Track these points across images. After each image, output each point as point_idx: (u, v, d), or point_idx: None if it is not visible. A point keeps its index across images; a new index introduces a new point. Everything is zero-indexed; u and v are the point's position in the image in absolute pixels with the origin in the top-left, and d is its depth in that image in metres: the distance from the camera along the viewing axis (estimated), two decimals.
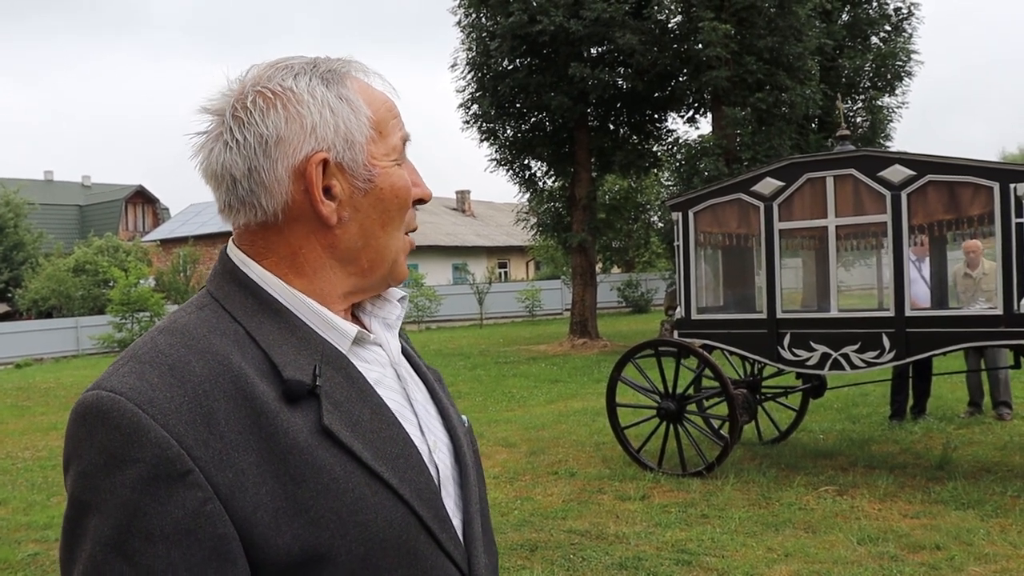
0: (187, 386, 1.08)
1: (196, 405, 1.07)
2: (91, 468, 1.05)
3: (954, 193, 7.54)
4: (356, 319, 1.31)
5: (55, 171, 66.24)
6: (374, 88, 1.27)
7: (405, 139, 1.29)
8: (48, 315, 36.17)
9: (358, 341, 1.25)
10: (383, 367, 1.28)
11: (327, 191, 1.21)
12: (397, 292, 1.37)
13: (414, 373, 1.36)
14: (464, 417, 1.43)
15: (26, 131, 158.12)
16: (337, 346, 1.22)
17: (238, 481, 1.07)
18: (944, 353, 7.83)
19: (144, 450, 1.03)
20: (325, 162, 1.20)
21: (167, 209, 56.49)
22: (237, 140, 1.19)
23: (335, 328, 1.22)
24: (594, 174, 23.81)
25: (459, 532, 1.26)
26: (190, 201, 49.66)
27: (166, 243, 45.09)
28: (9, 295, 40.92)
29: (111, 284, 31.42)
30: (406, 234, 1.30)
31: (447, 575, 1.22)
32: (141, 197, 56.49)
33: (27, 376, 22.92)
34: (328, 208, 1.21)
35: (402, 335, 1.40)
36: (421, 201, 1.31)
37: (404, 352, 1.37)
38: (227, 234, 1.28)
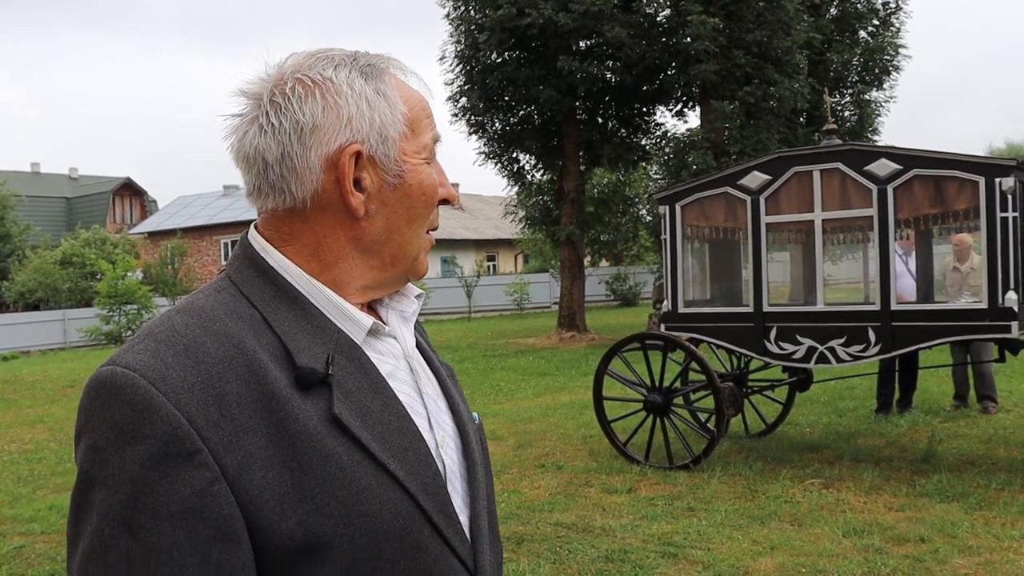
0: (201, 367, 1.10)
1: (208, 386, 1.09)
2: (102, 442, 1.06)
3: (940, 187, 7.57)
4: (373, 311, 1.32)
5: (42, 163, 66.12)
6: (410, 86, 1.29)
7: (436, 139, 1.30)
8: (35, 307, 36.08)
9: (373, 333, 1.26)
10: (396, 360, 1.29)
11: (357, 183, 1.22)
12: (415, 288, 1.39)
13: (427, 367, 1.36)
14: (475, 414, 1.43)
15: (13, 123, 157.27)
16: (352, 336, 1.23)
17: (246, 464, 1.08)
18: (930, 347, 7.87)
19: (155, 427, 1.05)
20: (358, 154, 1.21)
21: (155, 201, 56.32)
22: (272, 124, 1.20)
23: (351, 318, 1.23)
24: (582, 167, 23.82)
25: (466, 528, 1.26)
26: (178, 193, 49.50)
27: (154, 236, 44.92)
28: None
29: (98, 277, 31.34)
30: (428, 232, 1.32)
31: (451, 570, 1.22)
32: (129, 189, 56.30)
33: (14, 369, 22.83)
34: (357, 200, 1.22)
35: (418, 329, 1.41)
36: (446, 202, 1.32)
37: (419, 346, 1.37)
38: (215, 227, 1.29)
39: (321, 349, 1.18)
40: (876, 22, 23.66)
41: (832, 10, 23.16)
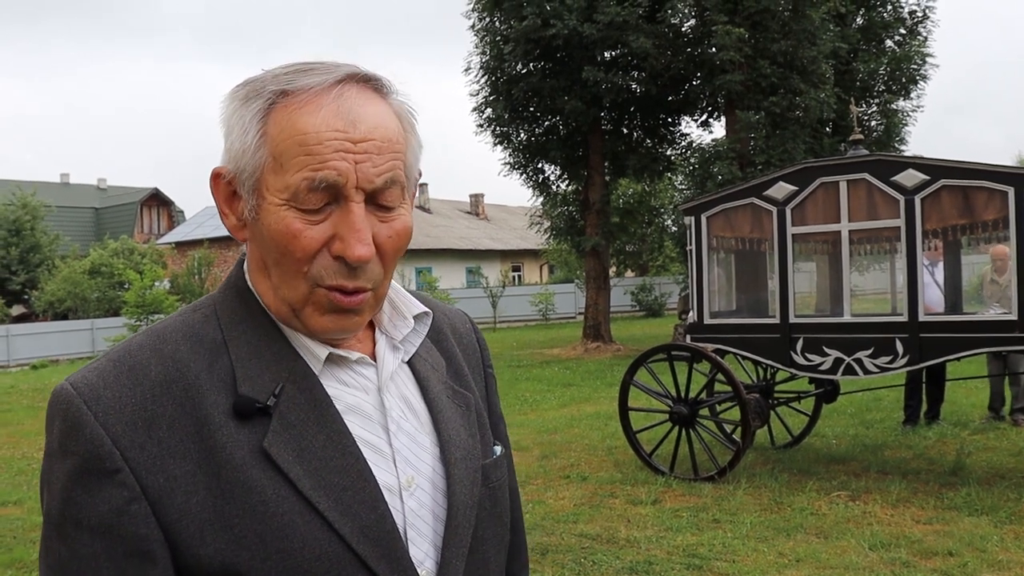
0: (138, 389, 1.11)
1: (141, 408, 1.10)
2: (49, 451, 1.13)
3: (968, 198, 7.51)
4: (373, 330, 1.28)
5: (71, 173, 66.65)
6: (309, 116, 1.11)
7: (317, 183, 1.10)
8: (64, 317, 36.35)
9: (338, 361, 1.21)
10: (365, 392, 1.22)
11: (237, 208, 1.19)
12: (416, 307, 1.30)
13: (417, 400, 1.27)
14: (497, 448, 1.38)
15: (43, 134, 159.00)
16: (310, 365, 1.18)
17: (168, 487, 1.09)
18: (958, 358, 7.80)
19: (79, 444, 1.08)
20: (225, 178, 1.18)
21: (182, 212, 56.70)
22: None
23: (307, 347, 1.19)
24: (608, 178, 23.81)
25: (429, 573, 1.19)
26: (205, 204, 49.80)
27: (181, 245, 45.23)
28: (26, 297, 41.14)
29: (126, 286, 31.51)
30: (326, 288, 1.14)
31: None
32: (156, 200, 56.73)
33: (43, 377, 23.04)
34: (229, 222, 1.20)
35: (427, 354, 1.33)
36: (342, 259, 1.12)
37: (418, 376, 1.29)
38: None
39: (272, 378, 1.15)
40: (903, 31, 23.54)
41: (858, 19, 23.06)
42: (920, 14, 23.49)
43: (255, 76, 1.17)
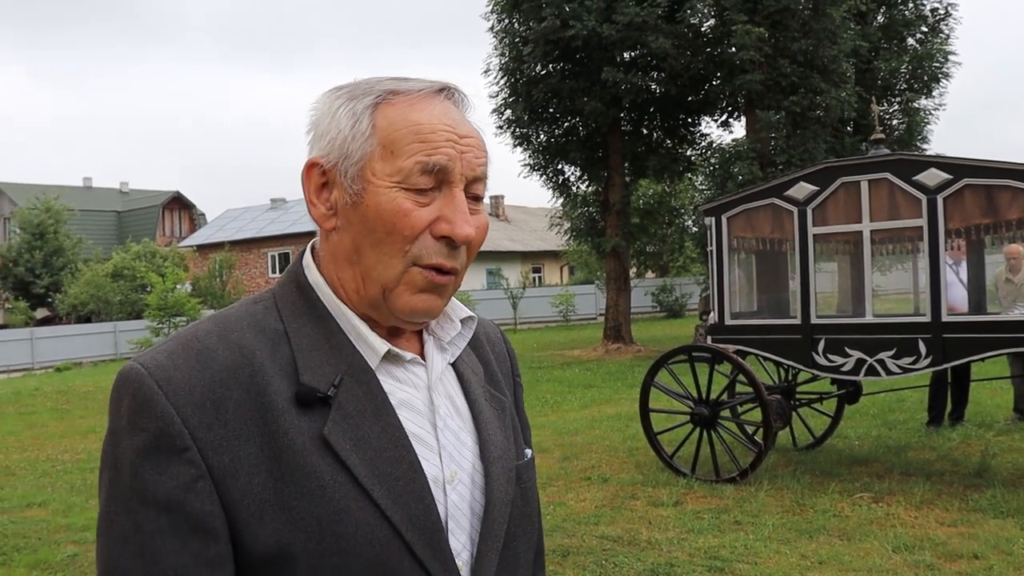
0: (206, 372, 1.17)
1: (209, 391, 1.15)
2: (114, 428, 1.17)
3: (992, 197, 7.45)
4: (417, 336, 1.34)
5: (94, 177, 67.10)
6: (422, 111, 1.23)
7: (430, 167, 1.20)
8: (87, 320, 36.63)
9: (392, 359, 1.27)
10: (416, 389, 1.28)
11: (329, 198, 1.26)
12: (462, 311, 1.37)
13: (460, 400, 1.34)
14: (529, 451, 1.44)
15: (66, 138, 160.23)
16: (367, 360, 1.24)
17: (232, 467, 1.14)
18: (982, 359, 7.73)
19: (150, 421, 1.13)
20: (322, 168, 1.25)
21: (203, 215, 57.04)
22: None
23: (367, 343, 1.25)
24: (628, 178, 23.76)
25: (465, 566, 1.25)
26: (225, 206, 50.09)
27: (202, 248, 45.47)
28: (49, 300, 41.47)
29: (148, 289, 31.72)
30: (426, 268, 1.23)
31: None
32: (178, 203, 57.09)
33: (67, 380, 23.19)
34: (317, 211, 1.27)
35: (471, 359, 1.40)
36: (448, 240, 1.22)
37: (461, 378, 1.36)
38: (262, 240, 1.34)
39: (332, 369, 1.22)
40: (925, 29, 23.38)
41: (879, 18, 22.94)
42: (942, 11, 23.31)
43: (355, 81, 1.29)
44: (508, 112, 22.91)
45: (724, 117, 23.41)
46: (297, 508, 1.14)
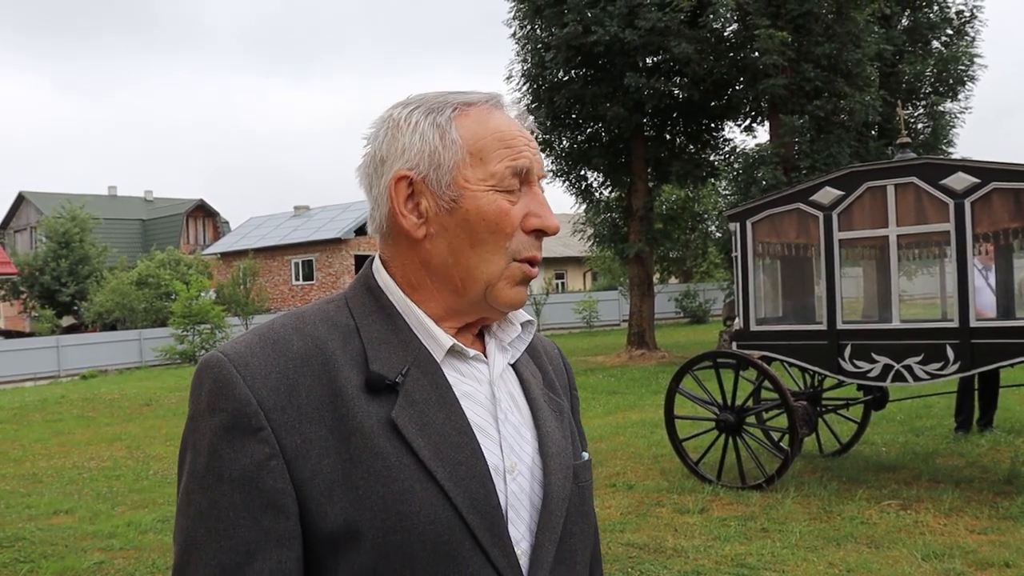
0: (281, 359, 1.25)
1: (284, 376, 1.24)
2: (195, 412, 1.25)
3: (1021, 201, 7.37)
4: (479, 338, 1.42)
5: (118, 186, 67.62)
6: (497, 120, 1.36)
7: (518, 170, 1.33)
8: (112, 327, 36.87)
9: (456, 354, 1.34)
10: (479, 383, 1.35)
11: (417, 208, 1.34)
12: (523, 315, 1.45)
13: (520, 398, 1.41)
14: (585, 454, 1.50)
15: (91, 147, 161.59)
16: (432, 353, 1.32)
17: (304, 448, 1.21)
18: (1012, 365, 7.65)
19: (229, 402, 1.21)
20: (410, 180, 1.33)
21: (227, 222, 57.35)
22: (365, 158, 1.39)
23: (434, 337, 1.33)
24: (651, 184, 23.69)
25: (524, 555, 1.30)
26: (249, 214, 50.37)
27: (226, 256, 45.72)
28: (75, 308, 41.79)
29: (173, 297, 31.94)
30: (521, 262, 1.35)
31: None
32: (202, 211, 57.43)
33: (92, 387, 23.34)
34: (409, 221, 1.34)
35: (529, 361, 1.48)
36: (541, 232, 1.36)
37: (521, 378, 1.43)
38: (286, 247, 1.39)
39: (400, 361, 1.29)
40: (950, 32, 23.22)
41: (904, 21, 22.79)
42: (968, 14, 23.13)
43: (420, 95, 1.39)
44: (531, 118, 22.78)
45: (747, 122, 23.31)
46: (364, 488, 1.20)
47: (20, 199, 56.95)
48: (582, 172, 23.96)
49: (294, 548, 1.21)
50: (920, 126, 22.79)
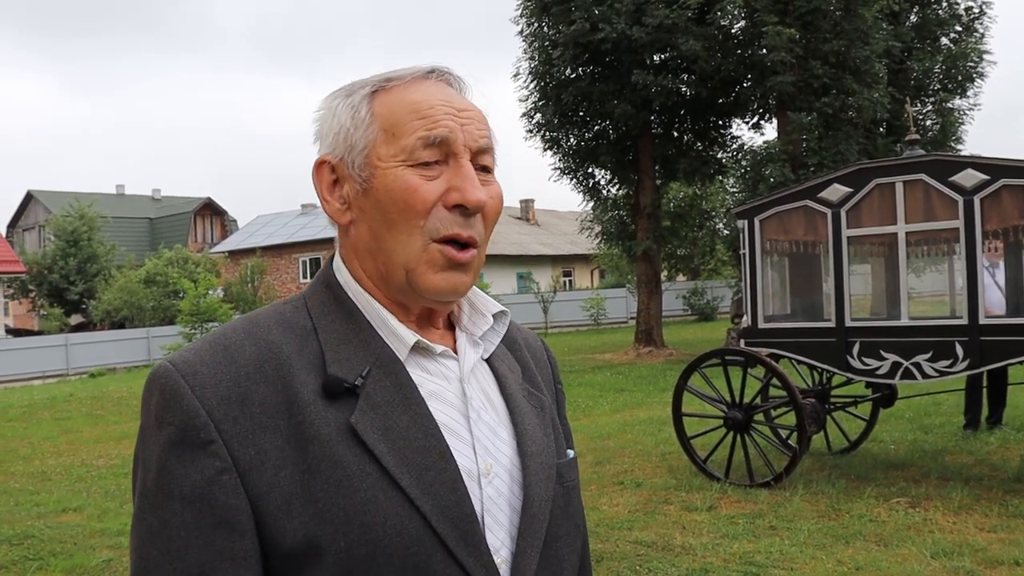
0: (232, 366, 1.17)
1: (235, 384, 1.16)
2: (144, 426, 1.18)
3: None
4: (450, 331, 1.34)
5: (126, 185, 67.73)
6: (419, 91, 1.26)
7: (432, 140, 1.22)
8: (120, 326, 36.91)
9: (422, 351, 1.26)
10: (448, 381, 1.27)
11: (341, 193, 1.29)
12: (495, 306, 1.37)
13: (496, 395, 1.33)
14: (571, 452, 1.41)
15: (98, 146, 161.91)
16: (396, 352, 1.24)
17: (258, 460, 1.14)
18: (1021, 362, 7.62)
19: (175, 415, 1.14)
20: (332, 166, 1.28)
21: (235, 221, 57.43)
22: None
23: (396, 335, 1.25)
24: (658, 181, 23.66)
25: (504, 563, 1.22)
26: (257, 213, 50.44)
27: (234, 254, 45.77)
28: (83, 306, 41.86)
29: (181, 295, 31.93)
30: (442, 243, 1.23)
31: None
32: (209, 209, 57.51)
33: (100, 385, 23.38)
34: (332, 207, 1.29)
35: (504, 356, 1.39)
36: (462, 208, 1.23)
37: (496, 373, 1.35)
38: (293, 245, 1.36)
39: (360, 361, 1.21)
40: (959, 28, 23.16)
41: (912, 17, 22.75)
42: (977, 10, 23.10)
43: (351, 81, 1.33)
44: (538, 116, 22.90)
45: (755, 119, 23.27)
46: (324, 499, 1.13)
47: (28, 198, 57.11)
48: (589, 170, 23.96)
49: (251, 567, 1.13)
50: (929, 123, 22.74)
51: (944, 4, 22.85)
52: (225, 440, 1.13)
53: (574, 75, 21.87)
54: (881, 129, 21.84)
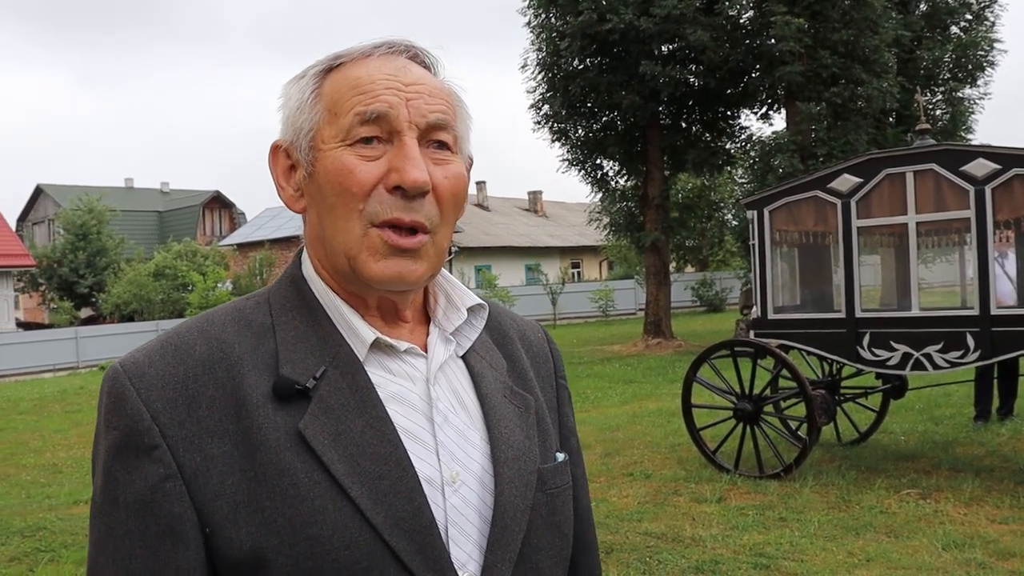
0: (181, 367, 1.12)
1: (183, 386, 1.10)
2: (96, 430, 1.15)
3: None
4: (422, 327, 1.26)
5: (135, 178, 67.79)
6: (366, 67, 1.17)
7: (368, 116, 1.14)
8: (130, 319, 36.98)
9: (386, 349, 1.18)
10: (412, 382, 1.19)
11: (294, 179, 1.22)
12: (470, 299, 1.27)
13: (469, 395, 1.23)
14: (560, 455, 1.31)
15: (107, 140, 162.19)
16: (355, 351, 1.17)
17: (204, 466, 1.08)
18: None
19: (120, 419, 1.10)
20: (286, 151, 1.22)
21: (243, 214, 57.43)
22: None
23: (355, 332, 1.17)
24: (667, 172, 23.60)
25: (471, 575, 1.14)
26: (265, 205, 50.46)
27: (242, 247, 45.80)
28: (93, 299, 41.95)
29: (190, 288, 32.05)
30: (382, 228, 1.14)
31: None
32: (218, 202, 57.55)
33: None
34: (286, 194, 1.23)
35: (486, 352, 1.30)
36: (399, 190, 1.13)
37: (472, 371, 1.26)
38: (300, 238, 1.30)
39: (316, 361, 1.14)
40: (969, 17, 23.03)
41: (922, 6, 22.62)
42: None
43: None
44: (546, 107, 22.87)
45: (764, 109, 23.18)
46: (270, 510, 1.07)
47: (38, 192, 57.20)
48: (598, 161, 23.89)
49: None
50: (939, 112, 22.63)
51: None
52: (170, 445, 1.08)
53: (582, 66, 21.81)
54: (891, 119, 21.76)
